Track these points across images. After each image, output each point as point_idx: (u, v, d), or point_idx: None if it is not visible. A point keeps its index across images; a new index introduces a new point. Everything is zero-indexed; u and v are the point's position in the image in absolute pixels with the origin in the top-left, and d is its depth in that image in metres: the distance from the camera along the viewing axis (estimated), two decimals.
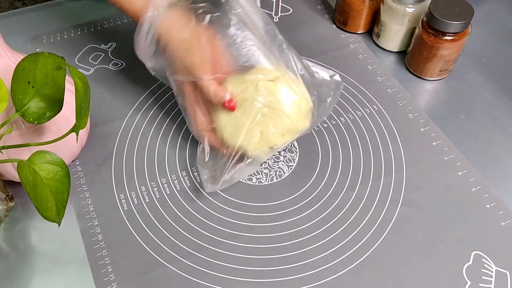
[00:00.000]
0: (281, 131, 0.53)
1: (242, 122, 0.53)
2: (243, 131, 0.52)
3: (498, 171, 0.58)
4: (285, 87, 0.53)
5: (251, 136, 0.52)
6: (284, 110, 0.52)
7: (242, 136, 0.52)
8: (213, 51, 0.52)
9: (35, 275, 0.49)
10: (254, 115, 0.53)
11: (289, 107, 0.52)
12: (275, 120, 0.52)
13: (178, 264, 0.50)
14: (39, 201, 0.42)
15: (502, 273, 0.49)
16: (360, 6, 0.69)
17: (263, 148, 0.53)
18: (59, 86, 0.44)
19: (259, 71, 0.54)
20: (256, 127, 0.53)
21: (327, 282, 0.49)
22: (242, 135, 0.52)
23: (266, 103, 0.52)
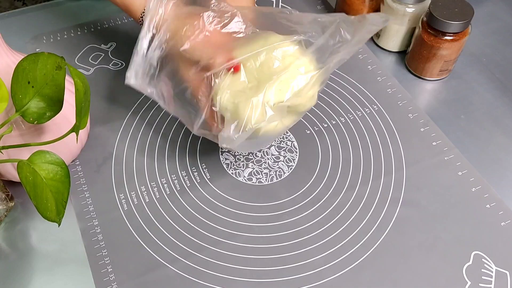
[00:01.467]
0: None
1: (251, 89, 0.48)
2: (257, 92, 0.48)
3: (498, 171, 0.58)
4: (302, 60, 0.49)
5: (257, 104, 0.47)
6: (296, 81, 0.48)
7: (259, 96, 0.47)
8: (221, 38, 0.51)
9: (35, 275, 0.49)
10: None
11: (301, 83, 0.48)
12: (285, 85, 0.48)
13: (178, 264, 0.50)
14: (39, 201, 0.42)
15: (502, 273, 0.49)
16: (360, 6, 0.69)
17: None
18: (59, 86, 0.44)
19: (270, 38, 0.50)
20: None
21: (327, 282, 0.49)
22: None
23: (278, 69, 0.49)
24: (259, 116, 0.47)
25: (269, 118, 0.48)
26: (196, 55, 0.50)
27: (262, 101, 0.48)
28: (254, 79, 0.49)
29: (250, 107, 0.47)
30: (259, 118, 0.47)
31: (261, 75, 0.49)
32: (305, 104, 0.50)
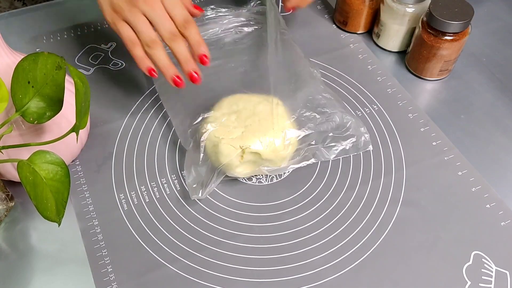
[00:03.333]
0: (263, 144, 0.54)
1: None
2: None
3: (498, 171, 0.58)
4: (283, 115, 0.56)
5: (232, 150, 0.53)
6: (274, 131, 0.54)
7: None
8: None
9: (35, 275, 0.49)
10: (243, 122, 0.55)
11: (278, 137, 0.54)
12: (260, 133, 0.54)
13: (178, 264, 0.50)
14: (39, 201, 0.42)
15: (502, 273, 0.49)
16: (360, 6, 0.69)
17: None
18: (59, 86, 0.44)
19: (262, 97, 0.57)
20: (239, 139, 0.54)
21: (327, 282, 0.49)
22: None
23: (258, 119, 0.55)
24: (233, 160, 0.53)
25: (243, 165, 0.54)
26: None
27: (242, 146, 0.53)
28: (243, 124, 0.55)
29: (228, 150, 0.53)
30: (232, 162, 0.53)
31: (249, 123, 0.55)
32: (276, 162, 0.54)
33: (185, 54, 0.48)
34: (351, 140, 0.58)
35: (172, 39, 0.48)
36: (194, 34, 0.49)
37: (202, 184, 0.53)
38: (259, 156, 0.53)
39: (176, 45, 0.48)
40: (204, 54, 0.49)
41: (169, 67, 0.48)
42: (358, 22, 0.71)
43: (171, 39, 0.48)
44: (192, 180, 0.53)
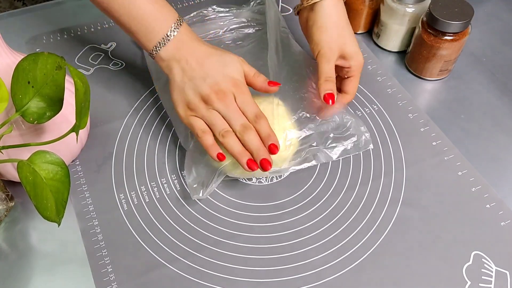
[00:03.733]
0: None
1: None
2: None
3: (498, 171, 0.58)
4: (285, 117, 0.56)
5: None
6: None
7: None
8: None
9: (35, 275, 0.49)
10: None
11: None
12: None
13: (178, 264, 0.50)
14: (39, 201, 0.42)
15: (502, 273, 0.49)
16: (360, 6, 0.69)
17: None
18: (59, 86, 0.44)
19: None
20: None
21: (327, 282, 0.49)
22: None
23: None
24: (234, 161, 0.53)
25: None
26: None
27: None
28: None
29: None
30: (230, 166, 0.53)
31: None
32: (276, 162, 0.54)
33: (256, 144, 0.51)
34: (352, 140, 0.58)
35: (243, 131, 0.51)
36: (264, 128, 0.52)
37: (202, 184, 0.53)
38: None
39: (247, 137, 0.51)
40: (274, 143, 0.51)
41: (242, 153, 0.51)
42: (358, 22, 0.71)
43: (243, 131, 0.51)
44: (193, 180, 0.53)
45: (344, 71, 0.58)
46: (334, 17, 0.56)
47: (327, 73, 0.56)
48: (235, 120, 0.51)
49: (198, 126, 0.52)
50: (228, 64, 0.53)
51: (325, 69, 0.56)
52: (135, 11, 0.51)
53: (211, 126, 0.52)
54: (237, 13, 0.72)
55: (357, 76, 0.58)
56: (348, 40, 0.56)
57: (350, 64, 0.57)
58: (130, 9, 0.51)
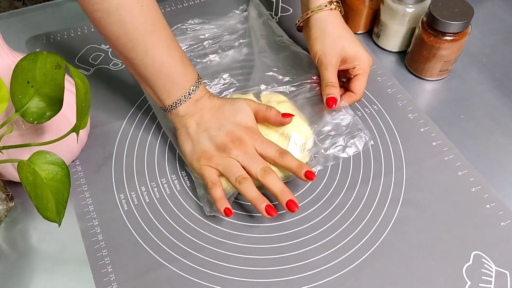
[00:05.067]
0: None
1: None
2: None
3: (498, 171, 0.58)
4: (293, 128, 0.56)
5: None
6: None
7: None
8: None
9: (35, 275, 0.49)
10: None
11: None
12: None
13: (178, 264, 0.50)
14: (39, 201, 0.42)
15: (502, 273, 0.49)
16: (360, 6, 0.69)
17: None
18: (58, 85, 0.44)
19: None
20: None
21: (327, 282, 0.49)
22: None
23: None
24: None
25: None
26: None
27: None
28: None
29: None
30: None
31: (263, 131, 0.55)
32: (284, 170, 0.53)
33: (279, 187, 0.50)
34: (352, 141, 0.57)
35: (265, 175, 0.50)
36: (292, 161, 0.51)
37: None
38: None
39: (268, 180, 0.50)
40: (309, 171, 0.50)
41: (260, 199, 0.50)
42: (358, 22, 0.71)
43: (263, 175, 0.50)
44: (204, 194, 0.53)
45: (350, 71, 0.59)
46: (327, 28, 0.58)
47: (327, 79, 0.57)
48: (255, 164, 0.51)
49: (210, 177, 0.51)
50: (238, 111, 0.54)
51: (325, 75, 0.58)
52: (161, 71, 0.51)
53: (226, 173, 0.51)
54: (218, 25, 0.71)
55: (363, 75, 0.59)
56: (346, 45, 0.58)
57: (354, 65, 0.59)
58: (155, 69, 0.51)
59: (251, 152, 0.52)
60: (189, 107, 0.53)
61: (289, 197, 0.49)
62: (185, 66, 0.52)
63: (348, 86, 0.60)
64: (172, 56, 0.51)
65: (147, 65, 0.51)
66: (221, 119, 0.53)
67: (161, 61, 0.51)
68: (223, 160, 0.52)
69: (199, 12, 0.74)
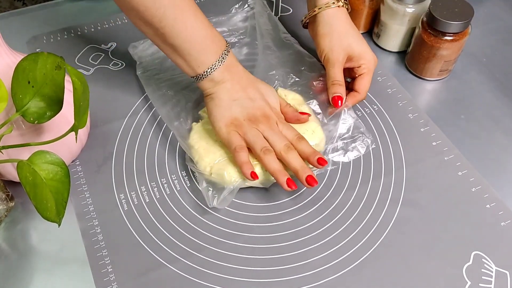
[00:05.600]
0: None
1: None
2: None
3: (498, 171, 0.58)
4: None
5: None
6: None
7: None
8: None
9: (35, 275, 0.49)
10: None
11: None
12: None
13: (178, 264, 0.50)
14: (39, 201, 0.42)
15: (502, 273, 0.49)
16: (360, 6, 0.69)
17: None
18: (58, 86, 0.44)
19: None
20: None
21: (327, 282, 0.49)
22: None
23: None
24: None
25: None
26: None
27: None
28: None
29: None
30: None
31: None
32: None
33: (300, 163, 0.52)
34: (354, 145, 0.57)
35: (287, 151, 0.52)
36: (307, 147, 0.53)
37: (218, 191, 0.52)
38: None
39: (290, 156, 0.52)
40: (321, 157, 0.52)
41: (282, 172, 0.52)
42: (358, 22, 0.71)
43: (286, 151, 0.52)
44: (206, 186, 0.53)
45: (355, 70, 0.60)
46: (334, 25, 0.58)
47: (333, 77, 0.58)
48: (279, 141, 0.53)
49: (237, 141, 0.53)
50: (269, 94, 0.56)
51: (331, 73, 0.58)
52: (192, 37, 0.52)
53: (252, 143, 0.52)
54: (218, 22, 0.71)
55: (367, 75, 0.60)
56: (353, 42, 0.58)
57: (359, 64, 0.59)
58: (186, 35, 0.52)
59: (276, 129, 0.54)
60: (224, 73, 0.54)
61: (308, 173, 0.51)
62: (214, 32, 0.54)
63: (352, 85, 0.61)
64: (201, 21, 0.53)
65: (179, 32, 0.51)
66: (254, 93, 0.55)
67: (191, 27, 0.52)
68: (251, 130, 0.53)
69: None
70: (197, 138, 0.56)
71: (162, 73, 0.64)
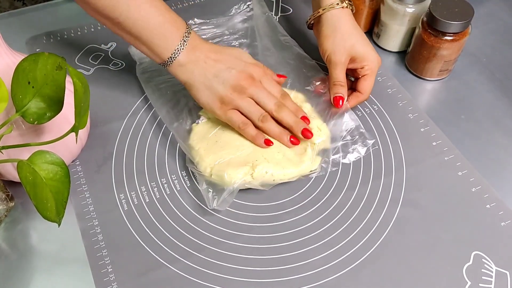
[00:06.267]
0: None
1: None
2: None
3: (498, 171, 0.58)
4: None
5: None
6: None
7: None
8: None
9: (35, 275, 0.49)
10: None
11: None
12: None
13: (178, 264, 0.50)
14: (39, 201, 0.42)
15: (502, 273, 0.49)
16: (360, 6, 0.69)
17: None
18: (59, 86, 0.44)
19: None
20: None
21: (327, 282, 0.49)
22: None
23: None
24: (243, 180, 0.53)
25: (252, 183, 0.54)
26: None
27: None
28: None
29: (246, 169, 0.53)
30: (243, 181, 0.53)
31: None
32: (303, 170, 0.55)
33: (292, 118, 0.55)
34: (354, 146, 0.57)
35: (278, 110, 0.55)
36: (291, 104, 0.57)
37: (218, 192, 0.52)
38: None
39: (283, 114, 0.55)
40: (304, 115, 0.57)
41: (283, 132, 0.55)
42: (358, 22, 0.71)
43: (278, 110, 0.55)
44: (206, 188, 0.53)
45: (358, 71, 0.60)
46: (338, 26, 0.59)
47: (335, 78, 0.58)
48: (269, 101, 0.55)
49: (238, 119, 0.54)
50: (240, 54, 0.57)
51: (333, 74, 0.59)
52: (150, 23, 0.52)
53: (248, 114, 0.55)
54: (218, 24, 0.71)
55: (370, 76, 0.60)
56: (356, 44, 0.58)
57: (363, 65, 0.59)
58: (143, 22, 0.52)
59: (262, 89, 0.55)
60: (189, 55, 0.54)
61: (303, 126, 0.54)
62: (172, 16, 0.54)
63: (355, 86, 0.61)
64: (156, 6, 0.52)
65: (135, 19, 0.52)
66: (226, 61, 0.55)
67: (147, 14, 0.52)
68: (243, 101, 0.54)
69: (199, 12, 0.74)
70: (197, 139, 0.56)
71: (161, 75, 0.64)
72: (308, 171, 0.55)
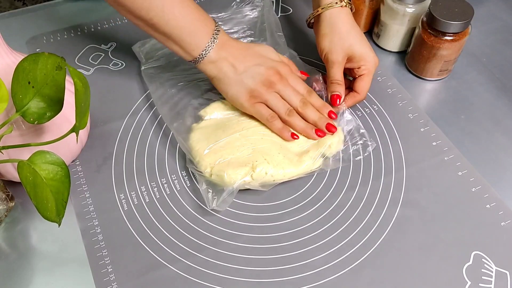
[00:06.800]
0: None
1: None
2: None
3: (498, 171, 0.58)
4: None
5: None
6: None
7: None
8: None
9: (35, 275, 0.49)
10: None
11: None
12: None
13: (178, 264, 0.50)
14: (39, 201, 0.42)
15: (502, 273, 0.49)
16: (360, 6, 0.69)
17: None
18: (59, 86, 0.44)
19: None
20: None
21: (327, 282, 0.49)
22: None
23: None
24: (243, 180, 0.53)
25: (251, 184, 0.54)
26: None
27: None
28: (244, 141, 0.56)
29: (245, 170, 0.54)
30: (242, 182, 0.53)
31: (253, 140, 0.56)
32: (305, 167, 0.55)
33: (317, 115, 0.57)
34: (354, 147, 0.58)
35: (303, 107, 0.57)
36: (316, 100, 0.58)
37: (218, 193, 0.52)
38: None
39: (308, 110, 0.57)
40: (331, 110, 0.58)
41: (309, 127, 0.57)
42: (358, 22, 0.71)
43: (302, 107, 0.57)
44: (206, 188, 0.53)
45: (355, 71, 0.60)
46: (336, 25, 0.59)
47: (332, 76, 0.59)
48: (295, 97, 0.57)
49: (266, 112, 0.56)
50: (267, 51, 0.59)
51: (330, 73, 0.59)
52: (181, 22, 0.53)
53: (275, 108, 0.56)
54: (223, 20, 0.71)
55: (367, 76, 0.60)
56: (354, 43, 0.59)
57: (360, 65, 0.59)
58: (175, 21, 0.53)
59: (288, 86, 0.57)
60: (219, 52, 0.55)
61: (327, 121, 0.56)
62: (202, 14, 0.55)
63: (352, 86, 0.61)
64: (188, 6, 0.54)
65: (168, 20, 0.53)
66: (256, 57, 0.57)
67: (179, 13, 0.53)
68: (270, 95, 0.56)
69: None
70: (198, 139, 0.56)
71: (166, 72, 0.64)
72: (308, 170, 0.55)
